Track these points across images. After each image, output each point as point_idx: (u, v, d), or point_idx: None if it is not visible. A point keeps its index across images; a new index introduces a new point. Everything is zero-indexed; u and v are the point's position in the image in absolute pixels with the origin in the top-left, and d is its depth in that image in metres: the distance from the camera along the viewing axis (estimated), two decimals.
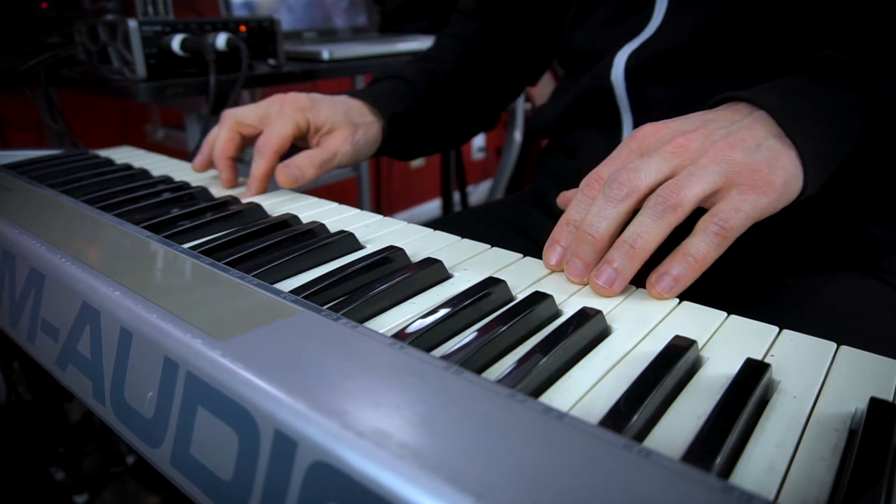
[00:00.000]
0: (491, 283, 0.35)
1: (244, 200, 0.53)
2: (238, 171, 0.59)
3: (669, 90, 0.56)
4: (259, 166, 0.56)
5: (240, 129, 0.59)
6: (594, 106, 0.62)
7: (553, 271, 0.39)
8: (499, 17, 0.76)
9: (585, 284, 0.37)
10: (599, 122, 0.62)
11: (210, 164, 0.60)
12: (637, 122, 0.59)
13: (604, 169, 0.39)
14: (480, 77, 0.75)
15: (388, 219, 0.49)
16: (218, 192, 0.56)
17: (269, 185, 0.59)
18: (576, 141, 0.65)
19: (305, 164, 0.57)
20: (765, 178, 0.36)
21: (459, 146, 0.81)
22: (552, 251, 0.39)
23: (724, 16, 0.52)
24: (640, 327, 0.33)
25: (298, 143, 0.64)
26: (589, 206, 0.38)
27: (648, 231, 0.35)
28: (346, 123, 0.61)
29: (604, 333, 0.32)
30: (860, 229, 0.55)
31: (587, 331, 0.31)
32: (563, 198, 0.46)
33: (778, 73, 0.50)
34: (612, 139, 0.60)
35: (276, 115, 0.58)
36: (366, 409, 0.22)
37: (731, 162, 0.36)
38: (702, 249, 0.35)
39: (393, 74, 0.70)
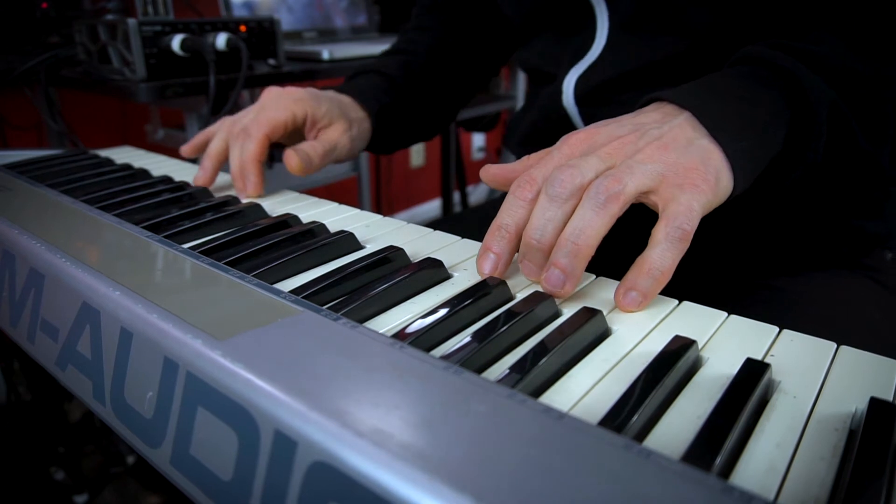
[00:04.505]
0: (491, 283, 0.35)
1: (247, 191, 0.53)
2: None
3: (622, 112, 0.56)
4: (249, 149, 0.54)
5: (272, 135, 0.56)
6: (553, 127, 0.62)
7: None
8: (457, 14, 0.76)
9: (561, 296, 0.35)
10: None
11: (215, 177, 0.58)
12: None
13: (536, 171, 0.38)
14: (450, 69, 0.76)
15: (388, 219, 0.49)
16: (219, 192, 0.56)
17: (268, 182, 0.59)
18: None
19: (311, 150, 0.57)
20: (701, 175, 0.36)
21: (432, 138, 0.82)
22: (485, 259, 0.37)
23: (666, 45, 0.52)
24: (639, 327, 0.33)
25: (287, 142, 0.64)
26: (522, 209, 0.37)
27: (591, 225, 0.34)
28: (342, 118, 0.61)
29: (604, 333, 0.32)
30: (845, 224, 0.55)
31: (587, 331, 0.31)
32: (485, 172, 0.42)
33: None
34: None
35: (271, 102, 0.58)
36: (365, 409, 0.22)
37: (666, 162, 0.36)
38: (667, 260, 0.34)
39: (372, 69, 0.70)
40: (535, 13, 0.62)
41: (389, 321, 0.33)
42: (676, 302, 0.35)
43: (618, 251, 0.41)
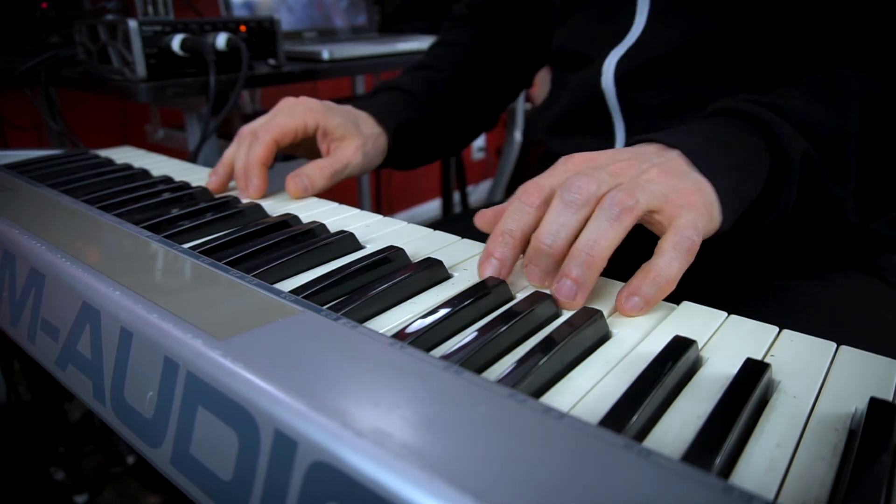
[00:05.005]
0: (491, 284, 0.35)
1: (248, 193, 0.52)
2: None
3: (659, 95, 0.56)
4: (256, 151, 0.54)
5: (281, 140, 0.56)
6: (586, 112, 0.62)
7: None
8: (492, 21, 0.76)
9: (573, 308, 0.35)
10: (592, 128, 0.62)
11: (227, 184, 0.57)
12: (629, 128, 0.59)
13: (543, 180, 0.37)
14: (477, 82, 0.75)
15: (388, 219, 0.50)
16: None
17: (269, 184, 0.59)
18: (569, 149, 0.65)
19: (316, 173, 0.56)
20: (700, 199, 0.37)
21: (460, 151, 0.81)
22: (487, 264, 0.37)
23: (706, 23, 0.52)
24: (640, 327, 0.33)
25: (302, 154, 0.64)
26: (528, 215, 0.36)
27: (605, 235, 0.34)
28: (356, 133, 0.60)
29: (604, 334, 0.32)
30: (858, 226, 0.55)
31: (588, 331, 0.31)
32: (480, 217, 0.41)
33: (765, 76, 0.50)
34: (604, 145, 0.61)
35: (285, 110, 0.58)
36: (366, 408, 0.22)
37: (670, 184, 0.36)
38: (674, 268, 0.34)
39: (392, 86, 0.70)
40: None
41: (389, 321, 0.33)
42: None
43: (621, 255, 0.41)
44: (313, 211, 0.52)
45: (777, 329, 0.32)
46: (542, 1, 0.70)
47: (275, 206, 0.53)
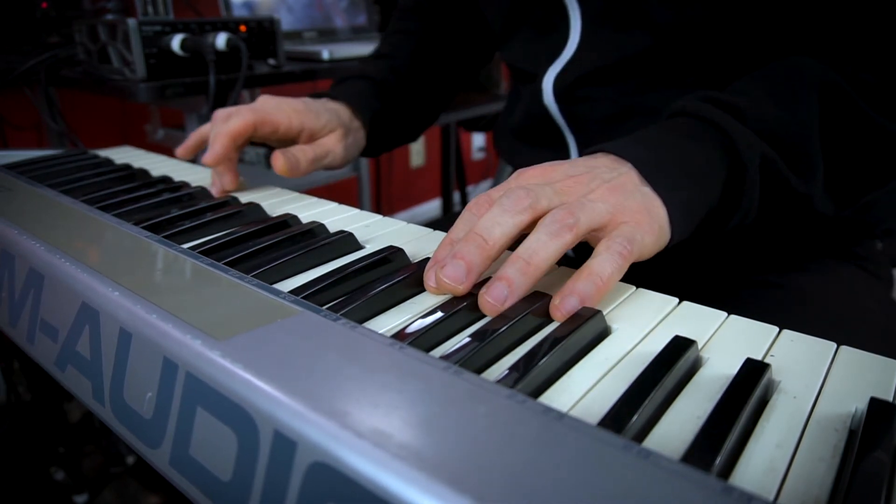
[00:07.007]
0: None
1: (206, 159, 0.52)
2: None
3: (599, 108, 0.57)
4: (231, 124, 0.54)
5: (260, 126, 0.56)
6: (539, 126, 0.63)
7: (436, 294, 0.36)
8: (437, 15, 0.77)
9: (459, 294, 0.34)
10: (547, 141, 0.63)
11: (194, 152, 0.58)
12: (579, 141, 0.60)
13: (493, 192, 0.38)
14: (434, 71, 0.77)
15: (388, 219, 0.49)
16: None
17: (267, 182, 0.59)
18: (531, 162, 0.66)
19: (300, 155, 0.57)
20: (645, 217, 0.37)
21: (413, 140, 0.83)
22: (432, 273, 0.36)
23: (637, 42, 0.53)
24: (640, 327, 0.33)
25: (277, 147, 0.64)
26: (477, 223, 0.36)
27: (545, 247, 0.34)
28: (339, 127, 0.62)
29: (604, 333, 0.32)
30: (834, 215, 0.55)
31: (587, 331, 0.31)
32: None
33: (701, 86, 0.50)
34: (562, 157, 0.61)
35: (270, 103, 0.58)
36: (365, 409, 0.22)
37: (615, 203, 0.37)
38: (607, 269, 0.34)
39: (360, 75, 0.71)
40: (511, 13, 0.63)
41: (389, 321, 0.33)
42: (676, 301, 0.35)
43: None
44: (313, 211, 0.52)
45: (777, 329, 0.32)
46: (483, 17, 0.71)
47: (274, 206, 0.53)
